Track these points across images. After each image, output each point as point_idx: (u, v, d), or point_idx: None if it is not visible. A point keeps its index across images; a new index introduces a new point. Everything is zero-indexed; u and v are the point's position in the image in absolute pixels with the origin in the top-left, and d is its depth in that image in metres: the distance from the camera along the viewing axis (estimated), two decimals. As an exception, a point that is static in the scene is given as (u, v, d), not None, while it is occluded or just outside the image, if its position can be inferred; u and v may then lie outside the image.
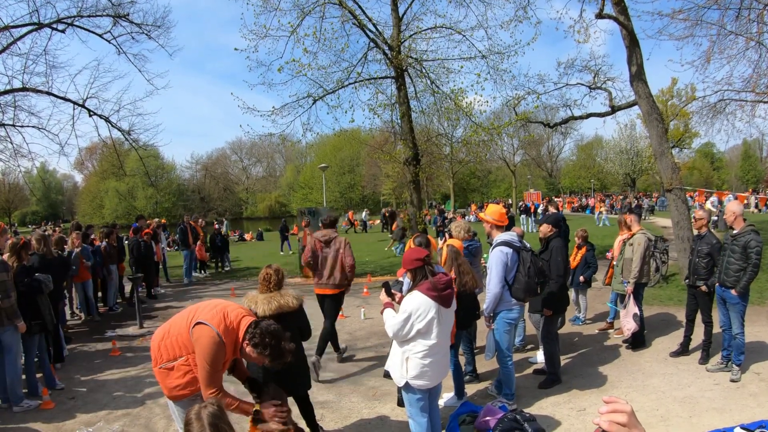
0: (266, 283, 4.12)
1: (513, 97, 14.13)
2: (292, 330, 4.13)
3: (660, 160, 10.96)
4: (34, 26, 12.51)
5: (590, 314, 8.65)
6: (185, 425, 2.37)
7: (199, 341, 3.14)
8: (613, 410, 1.07)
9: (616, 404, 1.08)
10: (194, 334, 3.18)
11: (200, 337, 3.13)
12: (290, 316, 4.03)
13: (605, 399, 1.11)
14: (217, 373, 3.16)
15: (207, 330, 3.12)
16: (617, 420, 1.05)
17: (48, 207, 71.49)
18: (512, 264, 5.11)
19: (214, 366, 3.12)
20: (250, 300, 4.03)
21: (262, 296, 4.03)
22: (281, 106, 13.13)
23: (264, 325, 3.16)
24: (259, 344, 3.08)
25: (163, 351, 3.35)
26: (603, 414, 1.07)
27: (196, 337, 3.16)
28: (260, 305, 3.95)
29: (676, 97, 36.61)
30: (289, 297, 4.05)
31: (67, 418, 5.45)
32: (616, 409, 1.07)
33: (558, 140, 66.81)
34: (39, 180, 54.75)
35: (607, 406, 1.08)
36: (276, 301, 3.97)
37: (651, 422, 4.78)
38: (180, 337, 3.29)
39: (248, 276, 14.96)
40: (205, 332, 3.12)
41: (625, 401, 1.10)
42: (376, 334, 8.17)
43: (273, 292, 4.07)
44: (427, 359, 3.64)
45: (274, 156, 79.82)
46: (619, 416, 1.06)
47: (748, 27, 11.00)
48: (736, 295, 5.60)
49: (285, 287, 4.21)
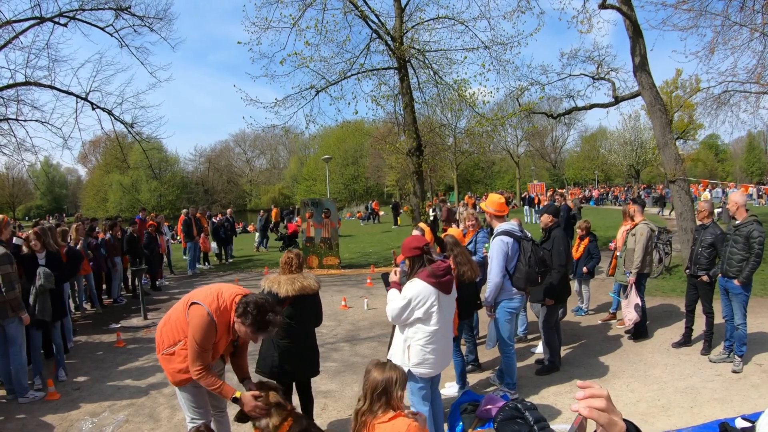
0: (288, 267, 4.18)
1: (516, 88, 14.10)
2: (309, 313, 4.18)
3: (663, 150, 10.92)
4: (36, 20, 12.52)
5: (593, 305, 8.66)
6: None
7: (191, 321, 3.21)
8: (591, 395, 1.05)
9: (592, 389, 1.06)
10: (189, 314, 3.24)
11: (193, 317, 3.20)
12: (310, 298, 4.13)
13: (579, 384, 1.09)
14: (205, 352, 3.20)
15: (199, 309, 3.18)
16: (596, 405, 1.03)
17: (52, 201, 71.59)
18: (513, 253, 5.11)
19: (202, 344, 3.17)
20: (272, 281, 4.07)
21: (284, 277, 4.08)
22: (284, 98, 13.17)
23: (250, 296, 3.23)
24: (242, 314, 3.13)
25: (165, 337, 3.41)
26: (581, 400, 1.05)
27: (190, 317, 3.23)
28: (283, 285, 4.00)
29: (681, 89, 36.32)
30: (311, 279, 4.14)
31: (72, 408, 5.51)
32: (594, 394, 1.05)
33: (562, 131, 66.52)
34: (43, 174, 54.99)
35: (583, 392, 1.06)
36: (299, 282, 4.04)
37: (652, 412, 4.79)
38: (178, 322, 3.35)
39: (251, 267, 15.01)
40: (197, 311, 3.18)
41: (600, 386, 1.07)
42: (378, 325, 8.20)
43: (296, 274, 4.14)
44: (429, 346, 3.66)
45: (277, 148, 79.72)
46: (597, 401, 1.04)
47: (753, 17, 10.91)
48: (738, 285, 5.60)
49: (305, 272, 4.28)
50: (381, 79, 13.62)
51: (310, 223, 13.67)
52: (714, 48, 11.11)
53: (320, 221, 13.59)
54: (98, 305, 10.11)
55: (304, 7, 12.38)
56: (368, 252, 17.62)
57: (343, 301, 9.60)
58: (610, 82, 12.94)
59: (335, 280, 12.30)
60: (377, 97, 13.33)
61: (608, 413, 1.03)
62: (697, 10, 10.67)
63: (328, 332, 7.96)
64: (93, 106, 13.69)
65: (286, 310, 4.06)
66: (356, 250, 18.55)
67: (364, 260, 15.27)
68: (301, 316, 4.12)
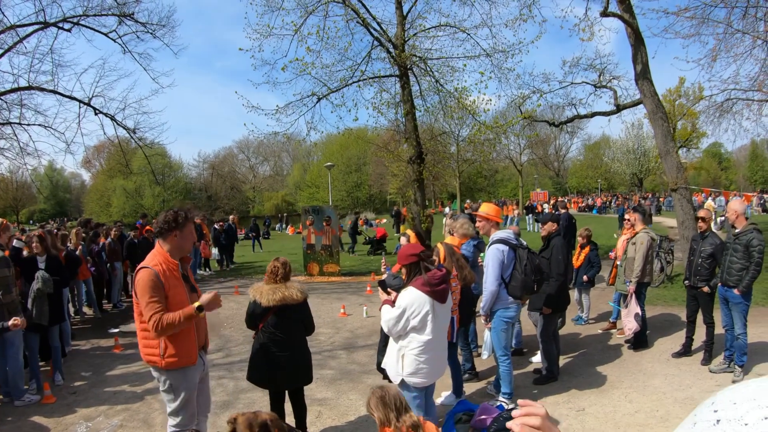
0: (273, 276, 4.18)
1: (518, 96, 14.10)
2: (296, 323, 4.16)
3: (665, 159, 10.90)
4: (40, 25, 12.63)
5: (593, 314, 8.60)
6: None
7: (137, 283, 3.36)
8: (527, 413, 1.02)
9: (530, 407, 1.04)
10: (135, 281, 3.44)
11: (139, 280, 3.35)
12: (294, 308, 4.11)
13: (519, 402, 1.07)
14: (154, 302, 3.29)
15: (143, 270, 3.37)
16: (530, 423, 1.01)
17: (56, 205, 71.80)
18: (509, 262, 5.09)
19: (151, 296, 3.30)
20: (255, 290, 4.11)
21: (267, 287, 4.10)
22: (285, 105, 13.19)
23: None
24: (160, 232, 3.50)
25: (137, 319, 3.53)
26: (516, 417, 1.02)
27: (136, 281, 3.40)
28: (264, 295, 4.03)
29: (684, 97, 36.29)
30: (294, 290, 4.11)
31: (67, 412, 5.50)
32: (530, 413, 1.02)
33: (565, 140, 66.46)
34: (46, 178, 55.16)
35: (520, 410, 1.04)
36: (280, 292, 4.04)
37: (650, 423, 4.74)
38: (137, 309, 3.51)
39: (252, 273, 14.99)
40: (141, 272, 3.36)
41: (540, 405, 1.05)
42: (377, 332, 8.12)
43: (279, 284, 4.12)
44: (423, 356, 3.63)
45: (281, 155, 79.87)
46: (532, 419, 1.01)
47: (755, 25, 10.92)
48: (738, 294, 5.55)
49: (291, 281, 4.26)
50: (382, 86, 13.66)
51: (311, 230, 13.67)
52: (716, 56, 11.12)
53: (321, 228, 13.58)
54: (97, 310, 10.10)
55: (306, 15, 12.44)
56: (369, 259, 17.59)
57: (342, 309, 9.56)
58: (611, 90, 12.97)
59: (335, 288, 12.27)
60: (378, 105, 13.35)
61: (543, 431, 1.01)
62: (699, 18, 10.69)
63: (326, 339, 7.93)
64: (96, 111, 13.78)
65: (270, 320, 4.08)
66: (356, 258, 18.52)
67: (365, 268, 15.24)
68: (286, 325, 4.13)
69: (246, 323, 4.31)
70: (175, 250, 3.51)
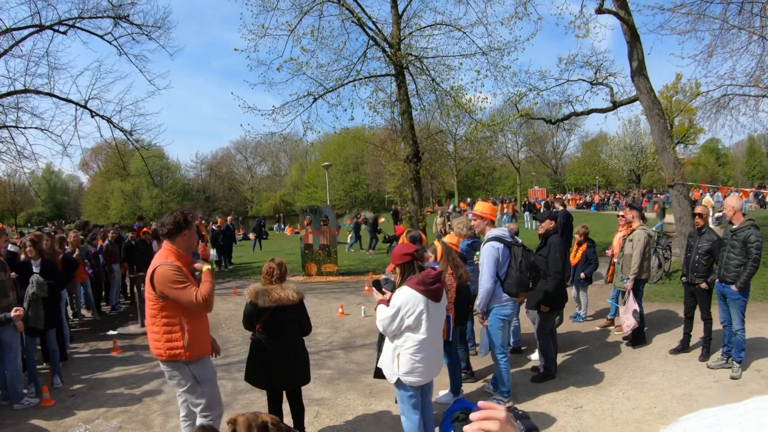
0: (269, 276, 4.19)
1: (514, 94, 14.09)
2: (292, 323, 4.16)
3: (662, 155, 10.90)
4: (35, 28, 12.60)
5: (591, 311, 8.61)
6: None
7: (159, 279, 3.46)
8: (485, 417, 0.97)
9: (489, 411, 0.98)
10: (156, 281, 3.48)
11: (160, 275, 3.46)
12: (290, 309, 4.11)
13: (480, 404, 1.02)
14: (188, 285, 3.50)
15: (163, 267, 3.48)
16: (487, 427, 0.96)
17: (54, 208, 71.63)
18: (504, 259, 5.09)
19: (181, 282, 3.47)
20: (250, 291, 4.12)
21: (263, 288, 4.09)
22: (281, 105, 13.15)
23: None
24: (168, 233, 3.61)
25: (157, 331, 3.60)
26: (473, 420, 0.97)
27: (157, 277, 3.47)
28: (260, 296, 4.03)
29: (680, 93, 36.25)
30: (290, 290, 4.11)
31: (66, 415, 5.49)
32: (489, 416, 0.97)
33: (562, 137, 66.36)
34: (44, 181, 55.00)
35: (479, 413, 0.98)
36: (276, 293, 4.05)
37: (648, 419, 4.75)
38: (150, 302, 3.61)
39: (250, 274, 14.98)
40: (161, 268, 3.48)
41: (501, 408, 1.00)
42: (375, 332, 8.08)
43: (275, 284, 4.13)
44: (418, 355, 3.63)
45: (278, 155, 79.75)
46: (490, 424, 0.96)
47: (751, 20, 10.93)
48: (736, 290, 5.55)
49: (287, 282, 4.26)
50: (378, 85, 13.62)
51: (309, 230, 13.66)
52: (712, 51, 11.12)
53: (319, 228, 13.58)
54: (96, 312, 10.09)
55: (301, 15, 12.40)
56: (367, 259, 17.59)
57: (340, 308, 9.56)
58: (608, 87, 12.95)
59: (333, 287, 12.26)
60: (374, 104, 13.34)
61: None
62: (695, 14, 10.70)
63: (323, 339, 7.93)
64: (92, 113, 13.75)
65: (267, 320, 4.09)
66: (355, 257, 18.52)
67: (363, 267, 15.24)
68: (282, 326, 4.13)
69: (243, 324, 4.32)
70: (185, 250, 3.62)
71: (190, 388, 3.65)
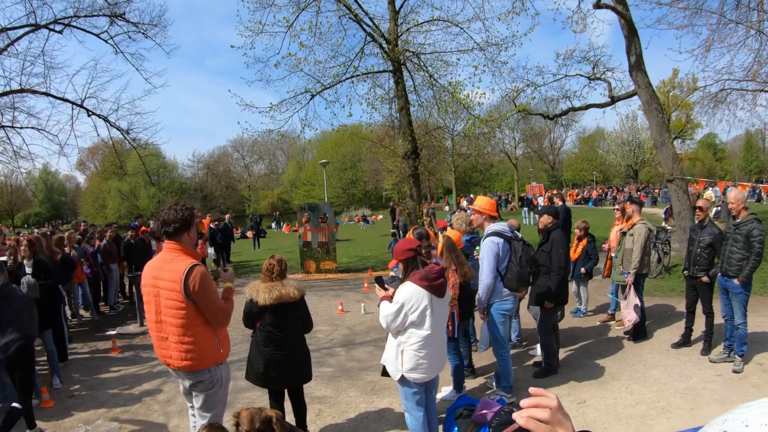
0: (269, 273, 4.16)
1: (512, 89, 14.07)
2: (293, 320, 4.13)
3: (660, 150, 10.88)
4: (31, 27, 12.48)
5: (591, 306, 8.60)
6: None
7: (203, 282, 3.27)
8: (535, 404, 0.92)
9: (540, 398, 0.93)
10: (198, 282, 3.24)
11: (202, 279, 3.27)
12: (291, 306, 4.09)
13: (531, 391, 0.96)
14: (218, 297, 3.51)
15: (200, 268, 3.31)
16: (537, 416, 0.90)
17: (51, 208, 71.51)
18: (504, 254, 5.06)
19: (216, 291, 3.45)
20: (251, 289, 4.10)
21: (263, 285, 4.08)
22: (279, 102, 13.09)
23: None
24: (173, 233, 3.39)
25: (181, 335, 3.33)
26: (524, 407, 0.93)
27: (199, 283, 3.24)
28: (261, 294, 4.01)
29: (678, 88, 36.28)
30: (291, 287, 4.08)
31: (66, 416, 5.46)
32: (539, 404, 0.92)
33: (560, 132, 66.49)
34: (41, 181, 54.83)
35: (529, 400, 0.93)
36: (277, 290, 4.02)
37: (652, 414, 4.73)
38: (180, 319, 3.33)
39: (249, 272, 14.93)
40: (199, 270, 3.29)
41: (553, 396, 0.95)
42: (375, 329, 8.13)
43: (275, 282, 4.10)
44: (422, 351, 3.60)
45: (276, 153, 79.63)
46: (540, 412, 0.91)
47: (748, 15, 10.92)
48: (738, 284, 5.54)
49: (288, 279, 4.23)
50: (376, 82, 13.60)
51: (307, 228, 13.62)
52: (710, 46, 11.12)
53: (317, 226, 13.54)
54: (94, 312, 10.05)
55: (298, 11, 12.35)
56: (366, 256, 17.55)
57: (340, 306, 9.53)
58: (606, 82, 12.93)
59: (332, 285, 12.23)
60: (372, 100, 13.29)
61: (552, 425, 0.91)
62: (692, 9, 10.70)
63: (324, 337, 7.90)
64: (89, 112, 13.63)
65: (268, 318, 4.05)
66: (354, 254, 18.48)
67: (362, 264, 15.21)
68: (283, 323, 4.09)
69: (243, 322, 4.28)
70: (191, 246, 3.52)
71: (214, 390, 3.45)
